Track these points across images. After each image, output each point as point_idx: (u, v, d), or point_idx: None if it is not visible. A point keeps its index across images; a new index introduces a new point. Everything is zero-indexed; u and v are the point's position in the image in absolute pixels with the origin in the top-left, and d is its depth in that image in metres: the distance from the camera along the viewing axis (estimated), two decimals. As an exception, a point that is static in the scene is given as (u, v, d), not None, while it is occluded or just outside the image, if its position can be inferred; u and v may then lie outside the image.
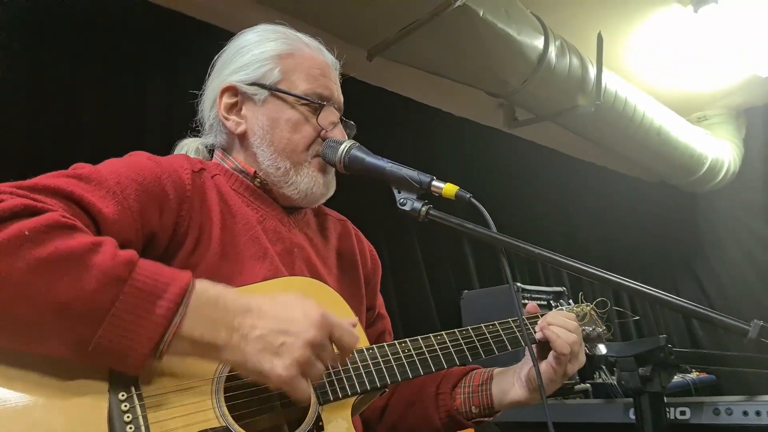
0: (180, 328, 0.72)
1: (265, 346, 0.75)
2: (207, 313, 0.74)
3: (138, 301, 0.70)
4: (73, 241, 0.70)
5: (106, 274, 0.69)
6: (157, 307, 0.70)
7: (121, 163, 0.91)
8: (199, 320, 0.73)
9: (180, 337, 0.72)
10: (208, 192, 0.99)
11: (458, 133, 3.70)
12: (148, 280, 0.71)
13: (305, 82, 1.07)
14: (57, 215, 0.72)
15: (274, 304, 0.79)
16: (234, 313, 0.76)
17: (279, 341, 0.75)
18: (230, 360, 0.76)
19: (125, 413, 0.73)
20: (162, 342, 0.71)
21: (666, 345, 1.51)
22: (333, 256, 1.17)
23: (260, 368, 0.75)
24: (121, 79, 2.20)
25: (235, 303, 0.77)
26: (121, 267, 0.70)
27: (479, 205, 0.91)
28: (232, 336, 0.75)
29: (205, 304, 0.74)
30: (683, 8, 3.39)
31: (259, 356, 0.75)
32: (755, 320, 0.67)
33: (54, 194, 0.78)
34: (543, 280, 3.87)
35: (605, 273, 0.76)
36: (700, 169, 4.72)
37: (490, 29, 2.58)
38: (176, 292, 0.72)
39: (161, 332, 0.71)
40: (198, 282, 0.76)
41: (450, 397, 1.13)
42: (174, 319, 0.71)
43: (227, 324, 0.75)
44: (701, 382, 3.51)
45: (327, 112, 1.08)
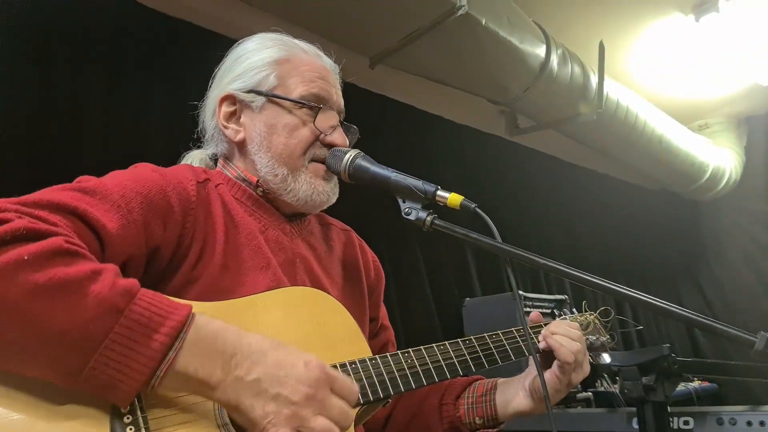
0: (174, 363, 0.69)
1: (260, 392, 0.72)
2: (204, 349, 0.72)
3: (133, 333, 0.68)
4: (72, 268, 0.69)
5: (103, 304, 0.68)
6: (152, 340, 0.68)
7: (126, 176, 0.91)
8: (195, 356, 0.71)
9: (174, 371, 0.70)
10: (213, 203, 0.99)
11: (460, 140, 3.71)
12: (146, 311, 0.70)
13: (301, 86, 1.06)
14: (60, 240, 0.71)
15: (275, 348, 0.76)
16: (232, 352, 0.73)
17: (275, 388, 0.72)
18: (222, 400, 0.73)
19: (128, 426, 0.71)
20: (154, 377, 0.69)
21: (670, 354, 1.50)
22: (337, 265, 1.17)
23: (251, 415, 0.72)
24: (125, 87, 2.20)
25: (235, 342, 0.74)
26: (118, 297, 0.69)
27: (484, 215, 0.91)
28: (226, 376, 0.72)
29: (202, 340, 0.72)
30: (685, 17, 3.41)
31: (253, 401, 0.72)
32: (762, 332, 0.67)
33: (58, 210, 0.77)
34: (545, 288, 3.86)
35: (610, 283, 0.75)
36: (702, 177, 4.73)
37: (492, 37, 2.59)
38: (173, 325, 0.70)
39: (154, 366, 0.68)
40: (198, 316, 0.73)
41: (453, 407, 1.13)
42: (168, 354, 0.69)
43: (224, 363, 0.72)
44: (703, 391, 3.49)
45: (325, 115, 1.07)
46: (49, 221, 0.74)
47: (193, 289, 0.91)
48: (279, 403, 0.72)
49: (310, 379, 0.74)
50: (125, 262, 0.84)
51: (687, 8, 3.34)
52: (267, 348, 0.75)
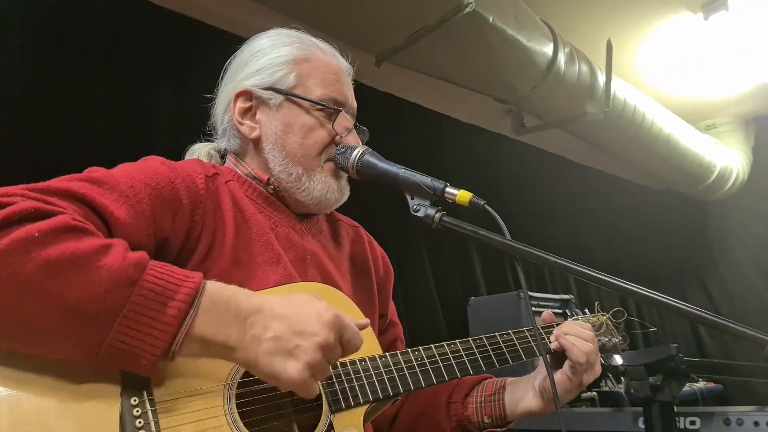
0: (191, 328, 0.71)
1: (278, 348, 0.75)
2: (219, 313, 0.74)
3: (149, 303, 0.69)
4: (82, 243, 0.70)
5: (116, 276, 0.69)
6: (169, 307, 0.70)
7: (135, 168, 0.91)
8: (211, 320, 0.73)
9: (192, 337, 0.72)
10: (222, 197, 0.99)
11: (466, 139, 3.70)
12: (159, 281, 0.71)
13: (321, 88, 1.07)
14: (67, 218, 0.72)
15: (286, 304, 0.78)
16: (246, 314, 0.75)
17: (292, 343, 0.75)
18: (242, 360, 0.75)
19: (137, 418, 0.72)
20: (174, 343, 0.71)
21: (677, 354, 1.50)
22: (346, 262, 1.17)
23: (272, 370, 0.74)
24: (130, 82, 2.21)
25: (247, 303, 0.76)
26: (131, 268, 0.70)
27: (493, 212, 0.90)
28: (244, 336, 0.74)
29: (216, 305, 0.74)
30: (693, 15, 3.38)
31: (272, 358, 0.74)
32: (775, 332, 0.66)
33: (67, 197, 0.78)
34: (550, 288, 3.85)
35: (625, 283, 0.75)
36: (709, 177, 4.70)
37: (499, 35, 2.58)
38: (187, 292, 0.72)
39: (173, 333, 0.70)
40: (209, 283, 0.75)
41: (462, 406, 1.12)
42: (185, 320, 0.71)
43: (239, 324, 0.74)
44: (708, 391, 3.48)
45: (342, 117, 1.08)
46: (57, 205, 0.75)
47: None
48: (297, 357, 0.74)
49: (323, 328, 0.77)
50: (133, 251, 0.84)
51: (696, 7, 3.32)
52: (278, 304, 0.78)
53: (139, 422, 0.73)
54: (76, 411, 0.71)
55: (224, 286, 0.77)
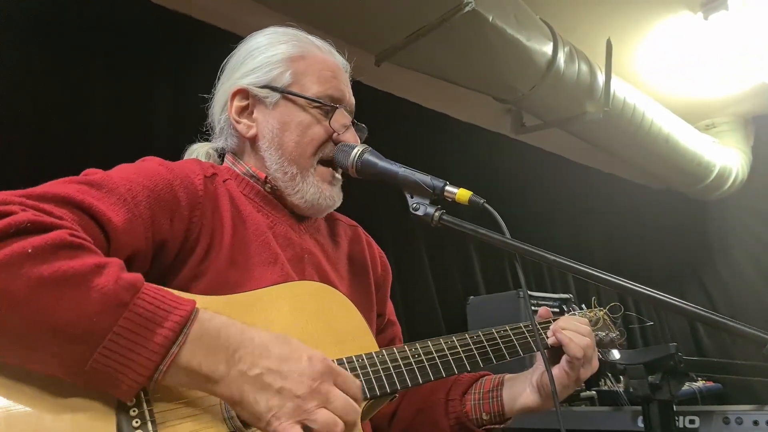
0: (177, 357, 0.69)
1: (264, 386, 0.72)
2: (207, 343, 0.71)
3: (137, 327, 0.68)
4: (77, 261, 0.69)
5: (107, 298, 0.67)
6: (156, 334, 0.68)
7: (133, 169, 0.91)
8: (199, 350, 0.71)
9: (177, 366, 0.70)
10: (220, 198, 0.99)
11: (465, 139, 3.70)
12: (150, 306, 0.69)
13: (317, 85, 1.06)
14: (64, 233, 0.70)
15: (279, 343, 0.75)
16: (236, 347, 0.73)
17: (279, 382, 0.72)
18: (225, 395, 0.73)
19: (136, 429, 0.71)
20: (157, 371, 0.69)
21: (676, 353, 1.50)
22: (344, 261, 1.17)
23: (256, 409, 0.72)
24: (129, 82, 2.21)
25: (237, 336, 0.74)
26: (123, 291, 0.69)
27: (493, 211, 0.90)
28: (230, 371, 0.72)
29: (206, 335, 0.72)
30: (693, 15, 3.39)
31: (257, 395, 0.72)
32: (774, 330, 0.66)
33: (63, 203, 0.77)
34: (549, 287, 3.85)
35: (625, 282, 0.75)
36: (708, 176, 4.70)
37: (499, 35, 2.58)
38: (177, 320, 0.70)
39: (157, 360, 0.68)
40: (201, 311, 0.73)
41: (460, 403, 1.12)
42: (172, 348, 0.69)
43: (227, 358, 0.72)
44: (708, 390, 3.48)
45: (339, 114, 1.07)
46: (54, 214, 0.74)
47: (200, 283, 0.91)
48: (283, 396, 0.72)
49: (314, 373, 0.74)
50: (131, 256, 0.84)
51: (696, 6, 3.32)
52: (270, 342, 0.75)
53: (136, 422, 0.72)
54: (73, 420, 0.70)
55: (216, 315, 0.74)
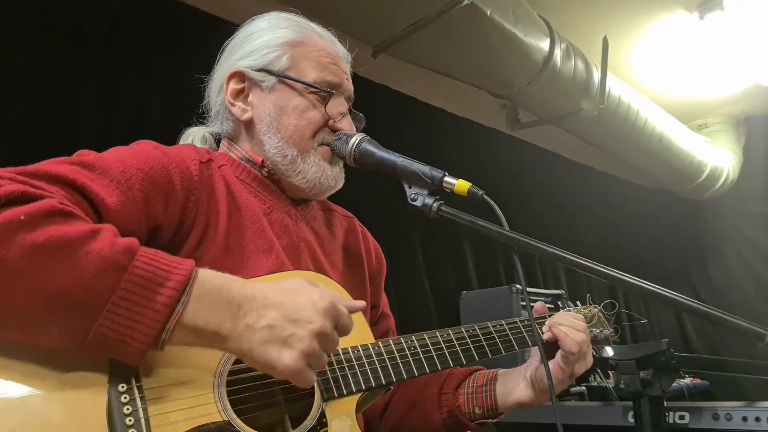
0: (182, 316, 0.70)
1: (272, 337, 0.73)
2: (211, 301, 0.72)
3: (138, 289, 0.68)
4: (70, 227, 0.68)
5: (105, 262, 0.67)
6: (159, 295, 0.68)
7: (127, 152, 0.89)
8: (203, 308, 0.71)
9: (183, 325, 0.70)
10: (216, 184, 0.98)
11: (461, 133, 3.70)
12: (149, 267, 0.69)
13: (314, 70, 1.05)
14: (54, 201, 0.70)
15: (280, 291, 0.77)
16: (239, 302, 0.73)
17: (287, 332, 0.73)
18: (235, 349, 0.74)
19: (125, 405, 0.71)
20: (164, 331, 0.69)
21: (668, 349, 1.51)
22: (339, 252, 1.16)
23: (267, 359, 0.73)
24: (124, 69, 2.18)
25: (240, 291, 0.74)
26: (120, 254, 0.68)
27: (492, 202, 0.90)
28: (237, 325, 0.73)
29: (209, 292, 0.72)
30: (689, 14, 3.40)
31: (266, 347, 0.73)
32: (773, 325, 0.66)
33: (55, 181, 0.76)
34: (542, 283, 3.87)
35: (627, 276, 0.75)
36: (700, 176, 4.73)
37: (496, 29, 2.57)
38: (179, 279, 0.70)
39: (163, 321, 0.68)
40: (201, 270, 0.74)
41: (453, 397, 1.12)
42: (177, 308, 0.69)
43: (232, 313, 0.73)
44: (695, 387, 3.52)
45: (336, 101, 1.06)
46: (45, 190, 0.73)
47: None
48: (292, 346, 0.73)
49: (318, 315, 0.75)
50: None
51: (692, 6, 3.33)
52: (272, 292, 0.76)
53: (127, 409, 0.71)
54: (63, 397, 0.69)
55: (216, 273, 0.75)
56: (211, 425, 0.76)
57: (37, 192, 0.70)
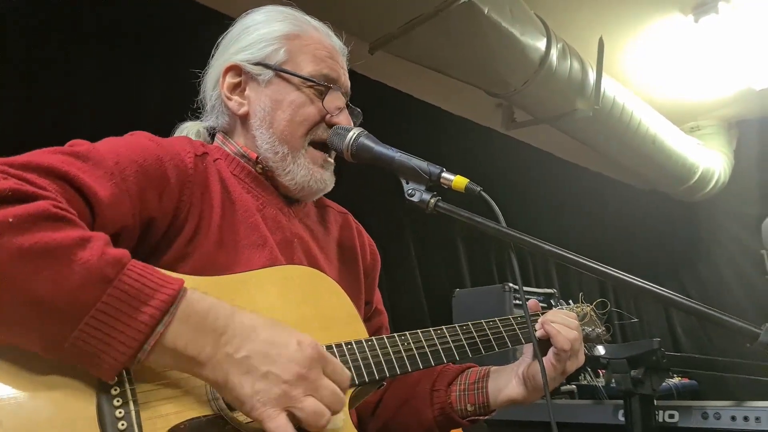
0: (163, 337, 0.67)
1: (249, 369, 0.70)
2: (195, 324, 0.70)
3: (121, 304, 0.66)
4: (60, 233, 0.66)
5: (91, 272, 0.65)
6: (141, 313, 0.66)
7: (121, 143, 0.88)
8: (185, 331, 0.69)
9: (162, 346, 0.68)
10: (211, 177, 0.97)
11: (456, 132, 3.71)
12: (136, 283, 0.67)
13: (311, 64, 1.04)
14: (47, 204, 0.68)
15: (268, 326, 0.74)
16: (223, 329, 0.71)
17: (266, 366, 0.70)
18: (210, 378, 0.71)
19: (115, 397, 0.70)
20: (141, 351, 0.67)
21: (659, 348, 1.52)
22: (333, 247, 1.15)
23: (240, 393, 0.70)
24: (119, 62, 2.16)
25: (225, 319, 0.72)
26: (108, 266, 0.66)
27: (489, 199, 0.90)
28: (216, 353, 0.70)
29: (194, 315, 0.70)
30: (684, 17, 3.42)
31: (242, 378, 0.70)
32: (766, 324, 0.67)
33: (47, 173, 0.74)
34: (534, 282, 3.89)
35: (624, 275, 0.75)
36: (692, 178, 4.77)
37: (494, 28, 2.57)
38: (164, 299, 0.68)
39: (142, 340, 0.66)
40: (190, 291, 0.71)
41: (445, 394, 1.12)
42: (158, 327, 0.67)
43: (214, 340, 0.70)
44: (684, 387, 3.56)
45: (333, 95, 1.05)
46: (37, 184, 0.71)
47: (186, 264, 0.89)
48: (269, 381, 0.70)
49: (303, 359, 0.72)
50: (117, 233, 0.81)
51: (687, 8, 3.35)
52: (259, 326, 0.73)
53: (117, 401, 0.71)
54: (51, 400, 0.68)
55: (204, 296, 0.72)
56: (202, 418, 0.76)
57: (30, 190, 0.69)
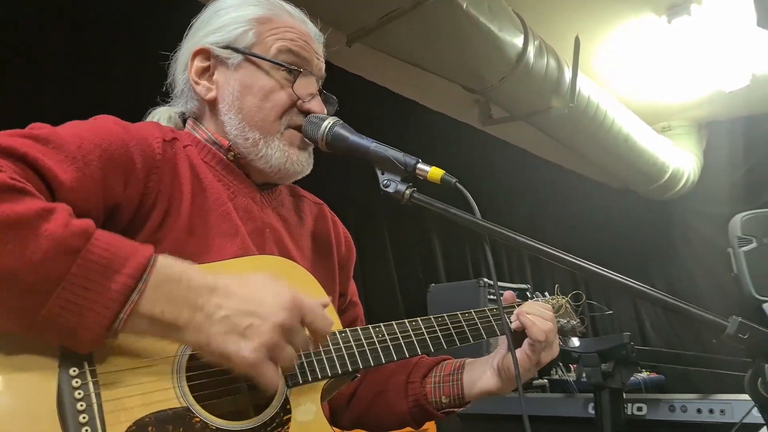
0: (138, 305, 0.67)
1: (230, 328, 0.71)
2: (169, 290, 0.70)
3: (92, 275, 0.65)
4: (21, 205, 0.64)
5: (58, 244, 0.64)
6: (113, 282, 0.65)
7: (85, 126, 0.85)
8: (160, 298, 0.69)
9: (138, 314, 0.67)
10: (180, 163, 0.94)
11: (432, 127, 3.71)
12: (105, 252, 0.66)
13: (280, 44, 1.01)
14: (5, 176, 0.66)
15: (242, 284, 0.75)
16: (198, 292, 0.71)
17: (246, 322, 0.71)
18: (192, 341, 0.71)
19: (76, 389, 0.68)
20: (117, 320, 0.66)
21: (629, 342, 1.55)
22: (307, 238, 1.13)
23: (224, 350, 0.70)
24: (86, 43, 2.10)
25: (200, 281, 0.72)
26: (74, 237, 0.65)
27: (465, 190, 0.89)
28: (195, 315, 0.70)
29: (167, 281, 0.70)
30: (657, 18, 3.48)
31: (225, 338, 0.70)
32: (733, 316, 0.68)
33: (6, 155, 0.71)
34: (508, 277, 3.93)
35: (592, 265, 0.75)
36: (662, 177, 4.88)
37: (472, 23, 2.58)
38: (135, 266, 0.67)
39: (116, 309, 0.66)
40: (161, 257, 0.71)
41: (420, 386, 1.12)
42: (132, 296, 0.67)
43: (191, 303, 0.70)
44: (651, 381, 3.65)
45: (304, 80, 1.03)
46: None
47: (156, 251, 0.86)
48: (252, 336, 0.71)
49: (282, 310, 0.73)
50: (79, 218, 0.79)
51: (661, 9, 3.41)
52: (234, 284, 0.74)
53: (79, 393, 0.68)
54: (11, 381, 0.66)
55: (176, 261, 0.72)
56: (169, 411, 0.74)
57: None
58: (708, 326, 0.70)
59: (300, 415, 0.84)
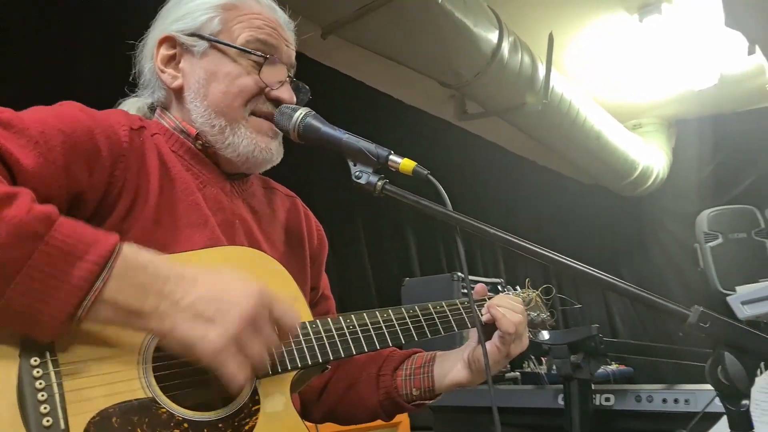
0: (102, 292, 0.66)
1: (196, 314, 0.69)
2: (134, 278, 0.68)
3: (55, 261, 0.63)
4: None
5: (19, 229, 0.62)
6: (77, 268, 0.64)
7: (49, 112, 0.83)
8: (125, 285, 0.67)
9: (102, 302, 0.66)
10: (148, 152, 0.92)
11: (408, 121, 3.70)
12: (69, 239, 0.65)
13: (246, 31, 1.00)
14: None
15: (210, 274, 0.74)
16: (165, 280, 0.70)
17: (212, 309, 0.70)
18: (157, 329, 0.70)
19: (37, 379, 0.67)
20: (81, 308, 0.65)
21: (597, 335, 1.58)
22: (279, 230, 1.12)
23: (189, 337, 0.69)
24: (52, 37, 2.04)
25: (167, 270, 0.71)
26: (36, 222, 0.64)
27: (436, 182, 0.89)
28: (160, 303, 0.69)
29: (132, 269, 0.69)
30: (629, 16, 3.54)
31: (190, 324, 0.69)
32: (696, 306, 0.69)
33: None
34: (482, 272, 3.96)
35: (562, 257, 0.76)
36: (633, 174, 4.98)
37: (447, 17, 2.58)
38: (100, 253, 0.66)
39: (80, 296, 0.65)
40: (126, 245, 0.70)
41: (391, 378, 1.12)
42: (96, 283, 0.65)
43: (156, 290, 0.69)
44: (620, 373, 3.74)
45: (273, 67, 1.01)
46: None
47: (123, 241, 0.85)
48: (218, 325, 0.69)
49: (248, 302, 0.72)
50: None
51: (633, 7, 3.46)
52: (201, 273, 0.73)
53: (40, 383, 0.67)
54: None
55: (142, 250, 0.71)
56: (134, 402, 0.72)
57: None
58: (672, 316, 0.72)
59: (269, 406, 0.83)
